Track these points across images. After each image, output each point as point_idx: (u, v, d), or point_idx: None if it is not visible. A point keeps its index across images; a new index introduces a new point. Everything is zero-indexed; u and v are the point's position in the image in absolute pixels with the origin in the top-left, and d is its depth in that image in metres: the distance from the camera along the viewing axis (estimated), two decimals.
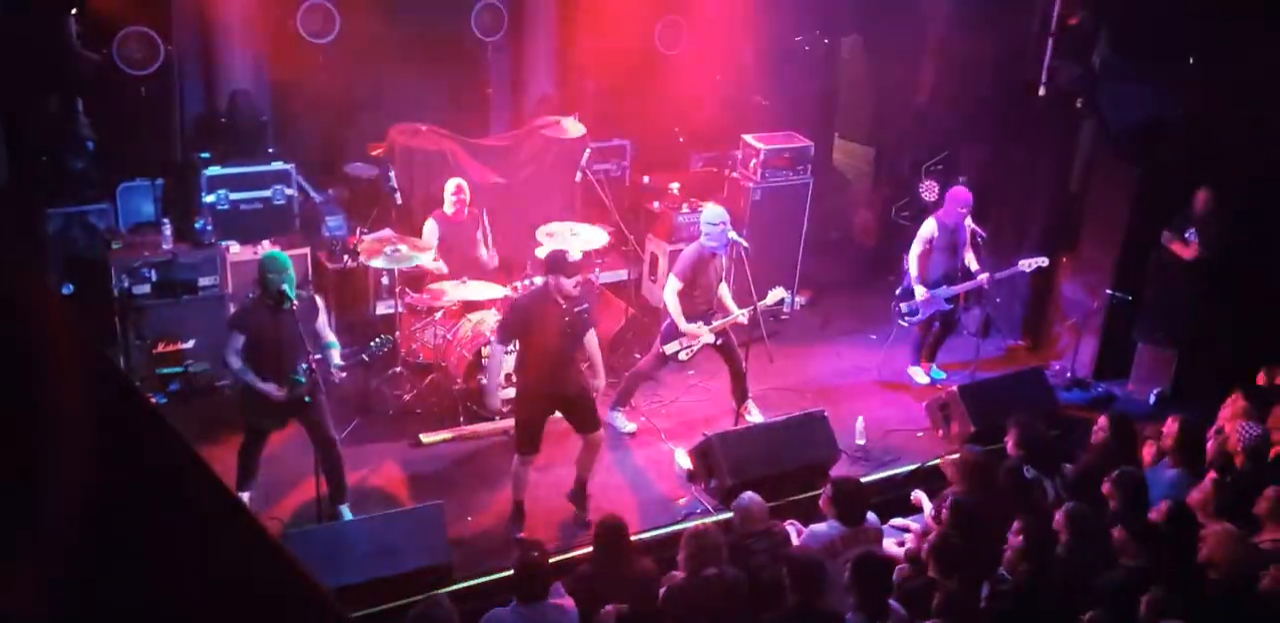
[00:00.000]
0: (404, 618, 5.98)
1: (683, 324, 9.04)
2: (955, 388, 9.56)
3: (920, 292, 10.11)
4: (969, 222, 9.94)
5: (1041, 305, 11.23)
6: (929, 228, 10.02)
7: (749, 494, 7.20)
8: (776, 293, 9.17)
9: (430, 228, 9.69)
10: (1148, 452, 8.18)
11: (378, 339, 8.08)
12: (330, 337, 7.93)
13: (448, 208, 9.68)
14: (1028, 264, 10.04)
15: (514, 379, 9.06)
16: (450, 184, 9.72)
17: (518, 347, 8.21)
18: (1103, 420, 8.13)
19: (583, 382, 8.08)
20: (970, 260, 10.09)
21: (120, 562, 1.21)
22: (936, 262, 10.10)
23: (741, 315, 9.05)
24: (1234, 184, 9.72)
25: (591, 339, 8.10)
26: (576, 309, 7.84)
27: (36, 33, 9.31)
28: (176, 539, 1.26)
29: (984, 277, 9.98)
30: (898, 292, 10.37)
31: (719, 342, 9.29)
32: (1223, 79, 9.61)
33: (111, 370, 1.45)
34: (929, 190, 11.67)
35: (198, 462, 1.34)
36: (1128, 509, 6.99)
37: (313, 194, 10.62)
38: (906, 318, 10.34)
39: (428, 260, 9.43)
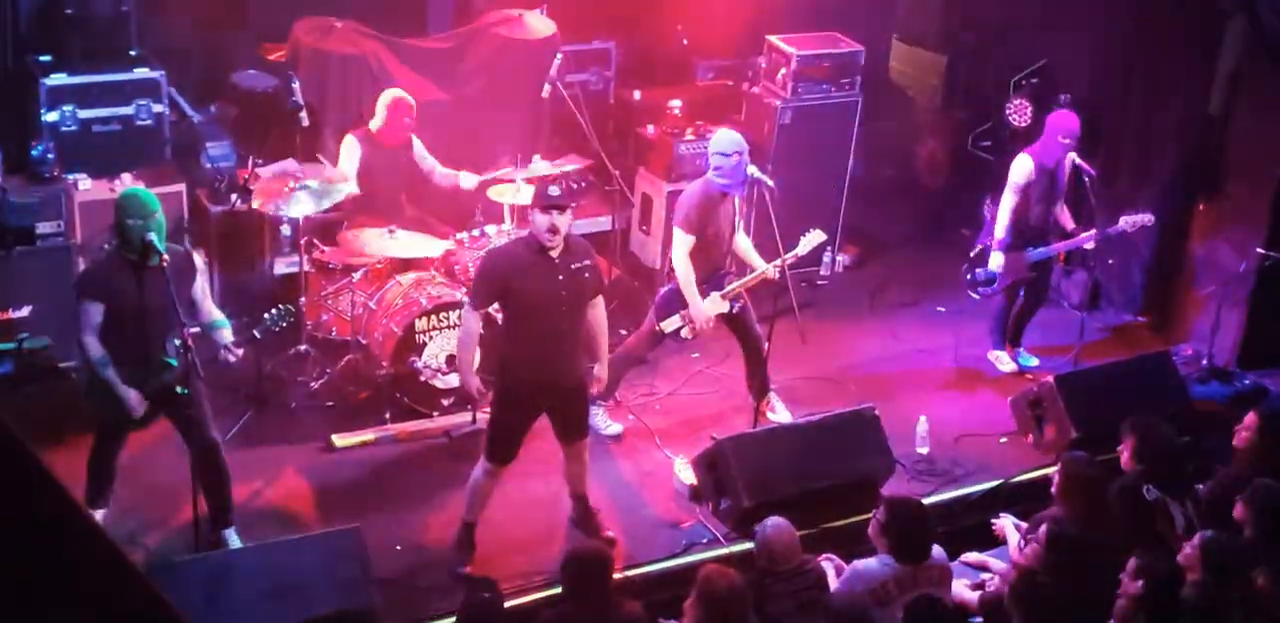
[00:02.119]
0: None
1: (695, 301, 8.99)
2: (1051, 379, 9.56)
3: (997, 259, 10.11)
4: (1073, 157, 9.92)
5: (1169, 269, 11.21)
6: (1024, 169, 9.92)
7: (773, 520, 7.23)
8: (813, 238, 9.16)
9: (350, 149, 9.67)
10: None
11: (276, 309, 8.06)
12: (216, 313, 7.90)
13: (376, 126, 9.67)
14: (1131, 222, 10.03)
15: (454, 363, 9.07)
16: (388, 96, 9.72)
17: (502, 318, 8.18)
18: (1250, 421, 8.15)
19: (583, 371, 8.10)
20: (1064, 214, 10.10)
21: None
22: (1027, 214, 10.09)
23: (770, 270, 9.02)
24: None
25: (598, 310, 8.12)
26: (575, 266, 7.75)
27: None
28: (11, 566, 1.27)
29: (1088, 234, 9.97)
30: (972, 253, 10.38)
31: (734, 310, 9.28)
32: None
33: None
34: (1019, 112, 11.64)
35: (39, 469, 1.35)
36: (1269, 542, 6.99)
37: (190, 112, 10.58)
38: (980, 288, 10.34)
39: (346, 190, 9.39)
